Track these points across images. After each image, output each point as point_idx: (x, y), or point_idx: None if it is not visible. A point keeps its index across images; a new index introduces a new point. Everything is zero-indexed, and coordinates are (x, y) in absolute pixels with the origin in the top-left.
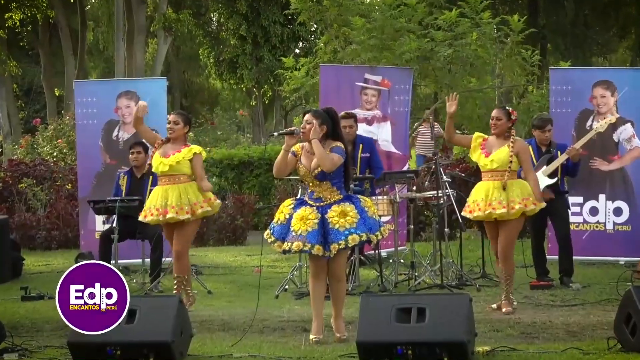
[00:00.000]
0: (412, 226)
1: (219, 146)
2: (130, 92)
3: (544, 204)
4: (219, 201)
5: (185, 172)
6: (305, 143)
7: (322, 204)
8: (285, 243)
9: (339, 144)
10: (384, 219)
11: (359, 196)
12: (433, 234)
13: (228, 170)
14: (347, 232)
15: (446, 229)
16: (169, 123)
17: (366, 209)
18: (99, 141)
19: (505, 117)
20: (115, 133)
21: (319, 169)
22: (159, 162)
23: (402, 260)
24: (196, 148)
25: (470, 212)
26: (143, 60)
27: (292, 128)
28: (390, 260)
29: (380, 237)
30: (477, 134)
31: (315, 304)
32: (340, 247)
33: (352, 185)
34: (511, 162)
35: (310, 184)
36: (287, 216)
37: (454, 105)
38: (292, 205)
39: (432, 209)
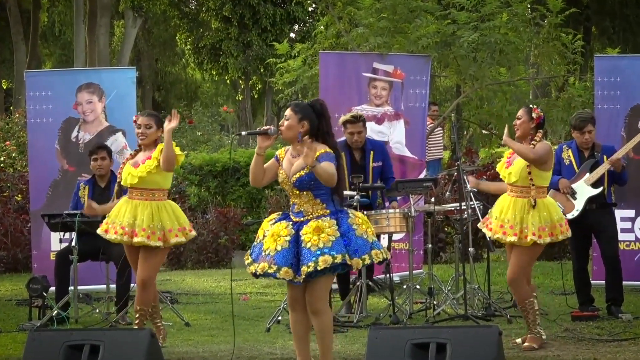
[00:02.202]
0: (430, 245)
1: (198, 149)
2: (93, 85)
3: (568, 234)
4: (194, 232)
5: (161, 186)
6: (291, 147)
7: (302, 219)
8: (254, 265)
9: (325, 149)
10: (396, 236)
11: (349, 211)
12: (455, 254)
13: (210, 178)
14: (319, 252)
15: (471, 249)
16: (139, 127)
17: (355, 226)
18: (55, 143)
19: (525, 116)
20: (74, 134)
21: (298, 175)
22: (128, 172)
23: (418, 286)
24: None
25: (486, 226)
26: (108, 46)
27: (266, 127)
28: (404, 286)
29: (368, 261)
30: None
31: (296, 343)
32: (309, 269)
33: (357, 197)
34: (530, 176)
35: (290, 194)
36: (289, 238)
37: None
38: (273, 221)
39: (454, 225)
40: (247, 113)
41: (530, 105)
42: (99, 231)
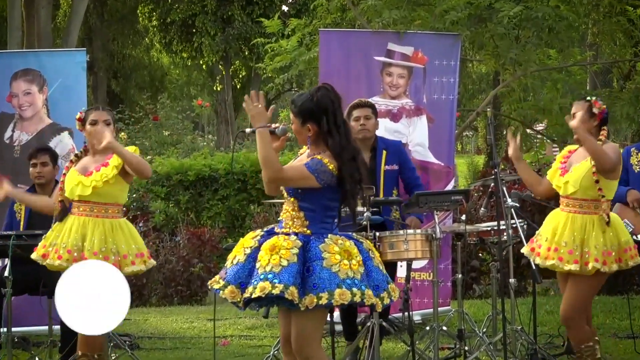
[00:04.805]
0: (460, 275)
1: (165, 154)
2: (32, 71)
3: (638, 259)
4: (153, 261)
5: (117, 200)
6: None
7: (280, 230)
8: (250, 287)
9: (319, 157)
10: (417, 264)
11: (354, 235)
12: (492, 287)
13: (180, 189)
14: (262, 277)
15: (512, 280)
16: (94, 124)
17: (325, 254)
18: None
19: (583, 112)
20: (8, 133)
21: None
22: (76, 181)
23: (444, 328)
24: (130, 149)
25: (532, 250)
26: (50, 22)
27: (275, 124)
28: (427, 328)
29: (324, 301)
30: (568, 147)
31: None
32: (319, 301)
33: (367, 214)
34: (598, 185)
35: (285, 197)
36: (249, 251)
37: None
38: (258, 237)
39: (490, 250)
40: (227, 107)
41: (588, 97)
42: (34, 256)
